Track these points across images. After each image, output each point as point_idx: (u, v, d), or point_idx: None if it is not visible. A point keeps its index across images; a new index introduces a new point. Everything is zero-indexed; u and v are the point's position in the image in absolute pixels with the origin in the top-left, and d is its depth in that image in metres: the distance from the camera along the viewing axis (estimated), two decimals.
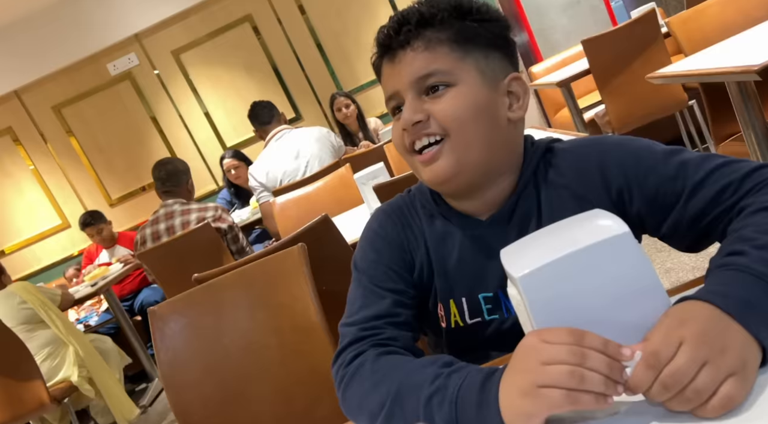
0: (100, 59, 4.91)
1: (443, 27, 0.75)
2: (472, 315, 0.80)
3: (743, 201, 0.66)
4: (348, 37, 4.97)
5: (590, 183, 0.75)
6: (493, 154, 0.76)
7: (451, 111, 0.73)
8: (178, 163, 2.89)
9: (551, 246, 0.62)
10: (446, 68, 0.74)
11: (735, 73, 1.52)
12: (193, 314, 1.22)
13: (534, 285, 0.60)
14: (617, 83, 2.81)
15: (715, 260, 0.60)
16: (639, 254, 0.59)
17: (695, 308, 0.53)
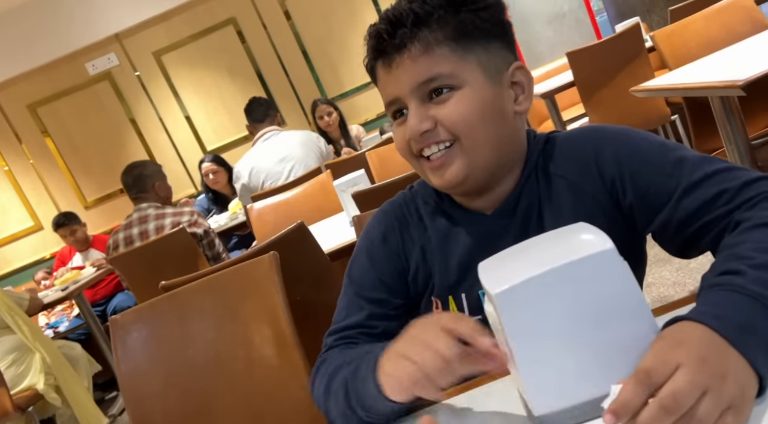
0: (78, 58, 4.82)
1: (440, 25, 0.71)
2: (472, 312, 0.77)
3: (737, 212, 0.63)
4: (333, 43, 4.94)
5: (586, 172, 0.73)
6: (502, 151, 0.75)
7: (459, 116, 0.71)
8: (144, 168, 2.80)
9: (531, 261, 0.58)
10: (448, 71, 0.71)
11: (719, 88, 1.50)
12: (157, 324, 1.17)
13: (511, 302, 0.56)
14: (601, 96, 2.81)
15: (708, 278, 0.56)
16: (623, 271, 0.55)
17: (689, 329, 0.49)
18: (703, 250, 0.69)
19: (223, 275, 1.20)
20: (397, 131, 0.77)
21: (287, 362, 1.11)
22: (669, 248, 0.72)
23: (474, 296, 0.77)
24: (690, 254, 0.71)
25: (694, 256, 0.71)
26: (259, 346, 1.14)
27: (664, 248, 0.73)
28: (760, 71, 1.38)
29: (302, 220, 1.56)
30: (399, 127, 0.76)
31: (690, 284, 2.20)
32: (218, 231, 3.24)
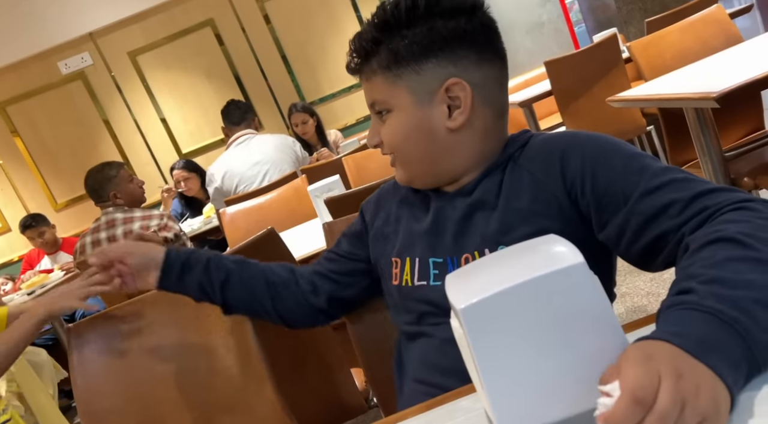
0: (50, 57, 4.71)
1: (376, 56, 0.80)
2: (420, 277, 0.83)
3: (686, 227, 0.63)
4: (313, 47, 4.91)
5: (550, 169, 0.75)
6: (437, 164, 0.82)
7: (390, 136, 0.82)
8: (97, 176, 2.71)
9: (498, 275, 0.55)
10: (382, 97, 0.81)
11: (693, 100, 1.51)
12: (115, 333, 1.13)
13: (478, 318, 0.53)
14: (578, 105, 2.82)
15: (665, 302, 0.55)
16: (594, 286, 0.53)
17: (656, 345, 0.48)
18: (662, 263, 0.69)
19: None
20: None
21: (251, 375, 1.08)
22: (629, 258, 0.72)
23: (425, 262, 0.83)
24: (651, 266, 0.71)
25: (657, 269, 0.71)
26: (223, 357, 1.10)
27: (625, 258, 0.73)
28: (734, 84, 1.38)
29: (275, 225, 1.52)
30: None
31: (663, 294, 2.19)
32: (192, 235, 3.18)
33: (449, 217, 0.82)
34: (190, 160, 3.97)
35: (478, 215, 0.80)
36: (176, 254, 0.94)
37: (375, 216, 0.95)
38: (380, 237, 0.92)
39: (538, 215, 0.75)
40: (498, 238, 0.76)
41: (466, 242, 0.80)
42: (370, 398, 1.40)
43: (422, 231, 0.85)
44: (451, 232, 0.81)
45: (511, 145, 0.82)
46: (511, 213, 0.77)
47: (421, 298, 0.84)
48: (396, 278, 0.87)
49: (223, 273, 0.93)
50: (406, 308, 0.87)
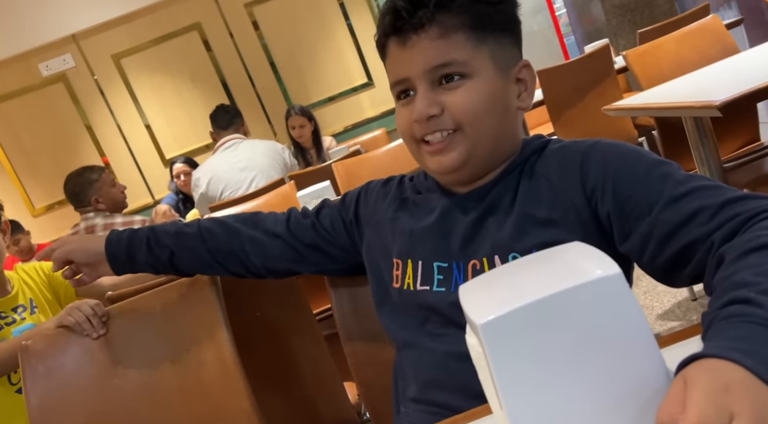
0: (31, 58, 4.59)
1: (460, 11, 0.72)
2: (423, 282, 0.79)
3: (717, 234, 0.59)
4: (302, 54, 4.86)
5: (569, 176, 0.72)
6: (500, 143, 0.76)
7: (467, 105, 0.73)
8: (82, 180, 2.63)
9: (522, 286, 0.50)
10: (463, 58, 0.72)
11: (695, 108, 1.48)
12: (76, 347, 1.03)
13: (499, 334, 0.48)
14: (570, 115, 2.80)
15: (713, 312, 0.49)
16: (630, 300, 0.48)
17: (726, 370, 0.41)
18: (689, 276, 0.64)
19: (156, 293, 1.08)
20: (400, 112, 0.77)
21: (228, 388, 1.00)
22: (652, 272, 0.68)
23: (428, 266, 0.78)
24: (675, 280, 0.67)
25: (682, 284, 0.67)
26: (196, 372, 1.02)
27: (648, 272, 0.68)
28: (737, 93, 1.35)
29: None
30: (403, 108, 0.77)
31: (657, 308, 2.18)
32: None
33: (458, 220, 0.77)
34: (190, 157, 3.95)
35: (491, 220, 0.75)
36: (117, 244, 0.96)
37: (372, 211, 0.89)
38: (378, 235, 0.87)
39: (555, 224, 0.71)
40: (511, 245, 0.71)
41: (474, 248, 0.75)
42: (363, 412, 1.34)
43: (425, 232, 0.80)
44: (459, 236, 0.76)
45: (527, 149, 0.78)
46: (526, 220, 0.72)
47: (422, 303, 0.79)
48: (397, 280, 0.83)
49: (167, 250, 0.95)
50: (405, 312, 0.82)
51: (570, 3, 4.79)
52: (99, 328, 1.02)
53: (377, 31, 0.78)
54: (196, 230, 0.95)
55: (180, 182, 3.76)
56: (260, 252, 0.93)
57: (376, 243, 0.87)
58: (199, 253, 0.94)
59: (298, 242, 0.93)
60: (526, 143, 0.79)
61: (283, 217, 0.95)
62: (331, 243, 0.93)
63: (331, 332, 1.17)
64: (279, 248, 0.93)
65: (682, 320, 2.05)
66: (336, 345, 1.09)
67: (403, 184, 0.89)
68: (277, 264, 0.95)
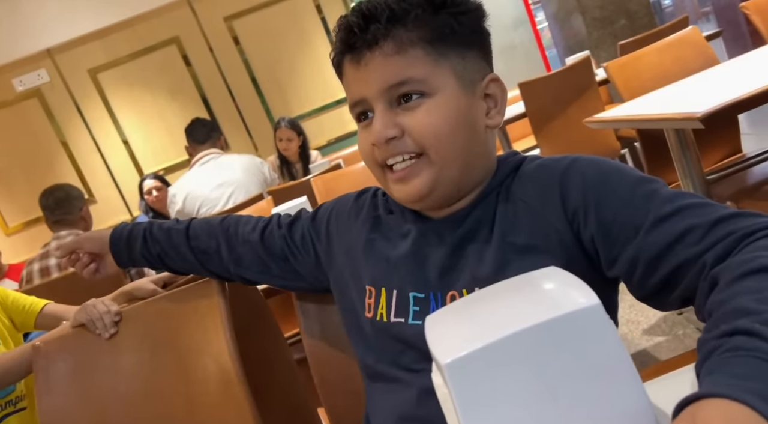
0: (4, 73, 4.50)
1: (416, 25, 0.67)
2: (398, 313, 0.73)
3: (709, 254, 0.55)
4: (282, 68, 4.82)
5: (548, 198, 0.67)
6: (470, 166, 0.70)
7: (429, 127, 0.67)
8: (69, 189, 2.58)
9: (491, 320, 0.45)
10: (421, 76, 0.67)
11: (677, 120, 1.45)
12: (85, 353, 1.05)
13: (465, 374, 0.43)
14: (552, 127, 2.78)
15: (712, 341, 0.44)
16: (611, 333, 0.43)
17: (740, 413, 0.37)
18: (678, 299, 0.60)
19: (163, 299, 1.07)
20: (361, 135, 0.72)
21: (230, 400, 1.00)
22: (641, 296, 0.64)
23: (404, 296, 0.73)
24: (664, 303, 0.62)
25: (670, 307, 0.62)
26: (200, 381, 1.02)
27: (636, 295, 0.64)
28: (718, 104, 1.33)
29: None
30: (363, 131, 0.72)
31: (643, 322, 2.14)
32: None
33: (434, 248, 0.72)
34: (159, 174, 3.90)
35: (470, 248, 0.70)
36: (119, 236, 0.99)
37: (344, 231, 0.84)
38: (350, 259, 0.81)
39: (537, 251, 0.66)
40: (492, 277, 0.66)
41: (454, 278, 0.70)
42: None
43: (399, 260, 0.75)
44: (435, 265, 0.71)
45: (502, 170, 0.73)
46: (506, 249, 0.67)
47: (397, 336, 0.73)
48: (370, 310, 0.77)
49: (158, 246, 0.97)
50: (378, 344, 0.76)
51: (551, 16, 4.81)
52: (110, 326, 1.03)
53: (332, 50, 0.73)
54: (184, 229, 0.96)
55: (152, 199, 3.69)
56: (233, 258, 0.93)
57: (348, 268, 0.82)
58: (183, 250, 0.96)
59: (268, 252, 0.90)
60: (500, 162, 0.74)
61: (262, 224, 0.93)
62: (298, 259, 0.89)
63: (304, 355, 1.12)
64: (249, 256, 0.92)
65: (668, 334, 2.01)
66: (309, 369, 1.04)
67: (376, 198, 0.84)
68: (246, 272, 0.94)
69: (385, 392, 0.76)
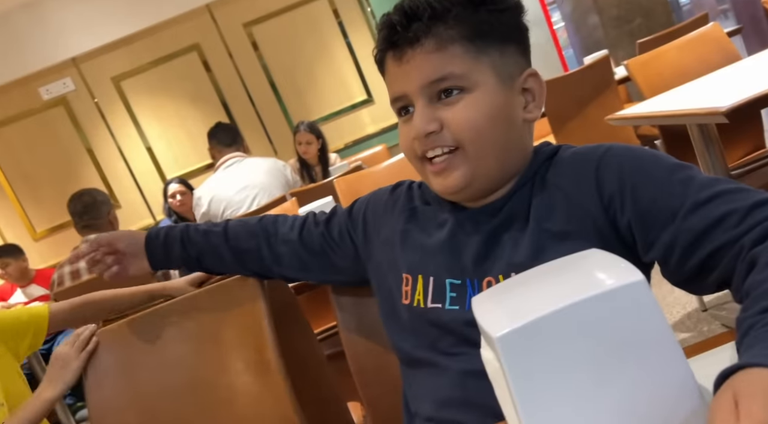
0: (31, 83, 4.60)
1: (456, 22, 0.69)
2: (435, 299, 0.76)
3: (746, 238, 0.56)
4: (301, 72, 4.87)
5: (584, 185, 0.69)
6: (507, 158, 0.73)
7: (467, 121, 0.70)
8: (96, 194, 2.63)
9: (539, 297, 0.47)
10: (461, 71, 0.69)
11: (701, 115, 1.46)
12: (130, 347, 1.08)
13: (518, 348, 0.45)
14: (572, 127, 2.79)
15: (751, 318, 0.47)
16: (655, 308, 0.45)
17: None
18: (715, 282, 0.61)
19: (204, 293, 1.10)
20: (402, 129, 0.75)
21: (271, 391, 1.03)
22: (677, 280, 0.65)
23: (440, 283, 0.76)
24: (700, 287, 0.64)
25: (707, 291, 0.64)
26: (241, 372, 1.05)
27: (672, 280, 0.66)
28: (743, 98, 1.34)
29: None
30: (404, 126, 0.74)
31: (668, 319, 2.14)
32: None
33: (471, 235, 0.74)
34: (184, 178, 3.94)
35: (506, 236, 0.72)
36: (155, 240, 0.99)
37: (381, 223, 0.86)
38: (388, 248, 0.84)
39: (572, 237, 0.68)
40: (528, 263, 0.68)
41: (489, 265, 0.72)
42: None
43: (435, 248, 0.77)
44: (472, 253, 0.73)
45: (537, 158, 0.75)
46: (542, 235, 0.69)
47: (434, 321, 0.75)
48: (407, 297, 0.79)
49: (196, 248, 0.98)
50: (415, 330, 0.79)
51: (567, 16, 4.81)
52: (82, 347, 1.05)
53: (375, 49, 0.76)
54: (222, 230, 0.98)
55: (175, 202, 3.74)
56: (273, 257, 0.95)
57: (385, 257, 0.84)
58: (221, 251, 0.97)
59: (307, 250, 0.93)
60: (535, 152, 0.76)
61: (299, 223, 0.95)
62: (337, 253, 0.92)
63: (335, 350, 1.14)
64: (288, 255, 0.94)
65: (693, 331, 2.01)
66: (339, 364, 1.07)
67: (411, 190, 0.86)
68: (286, 271, 0.96)
69: (423, 377, 0.78)
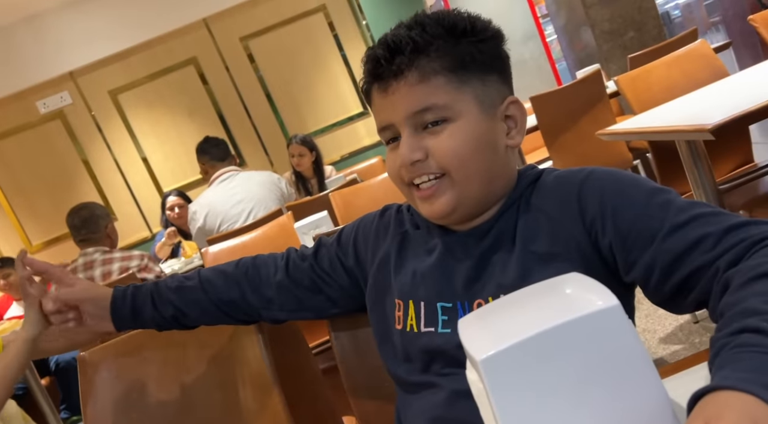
0: (28, 96, 4.64)
1: (438, 55, 0.72)
2: (427, 323, 0.77)
3: (722, 260, 0.59)
4: (297, 85, 4.91)
5: (567, 208, 0.71)
6: (492, 183, 0.75)
7: (451, 149, 0.72)
8: (94, 208, 2.66)
9: (521, 320, 0.50)
10: (443, 102, 0.71)
11: (688, 132, 1.49)
12: (127, 363, 1.08)
13: (501, 370, 0.47)
14: (564, 140, 2.82)
15: (723, 339, 0.49)
16: (631, 331, 0.47)
17: (749, 404, 0.41)
18: (693, 302, 0.64)
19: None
20: (389, 157, 0.78)
21: (265, 406, 1.03)
22: (657, 299, 0.67)
23: (432, 307, 0.77)
24: (679, 307, 0.66)
25: (685, 311, 0.67)
26: (238, 389, 1.05)
27: (653, 299, 0.68)
28: (728, 115, 1.36)
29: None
30: (391, 153, 0.77)
31: (660, 331, 2.16)
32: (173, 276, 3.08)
33: (460, 260, 0.76)
34: (182, 191, 3.95)
35: (494, 259, 0.74)
36: (122, 302, 0.92)
37: (373, 249, 0.87)
38: (381, 275, 0.85)
39: (557, 259, 0.70)
40: (516, 284, 0.69)
41: (479, 288, 0.74)
42: None
43: (426, 272, 0.79)
44: (462, 276, 0.75)
45: (522, 182, 0.77)
46: (528, 257, 0.71)
47: (427, 345, 0.77)
48: (399, 322, 0.81)
49: (170, 307, 0.92)
50: (408, 355, 0.80)
51: (560, 29, 4.87)
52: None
53: (362, 79, 0.78)
54: (197, 283, 0.93)
55: (173, 215, 3.75)
56: (262, 302, 0.93)
57: (380, 283, 0.86)
58: (204, 305, 0.93)
59: (298, 287, 0.91)
60: (520, 175, 0.79)
61: (283, 262, 0.93)
62: (330, 285, 0.91)
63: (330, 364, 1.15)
64: (279, 297, 0.92)
65: (685, 343, 2.03)
66: (335, 378, 1.08)
67: (401, 214, 0.87)
68: (278, 314, 0.94)
69: (416, 397, 0.80)
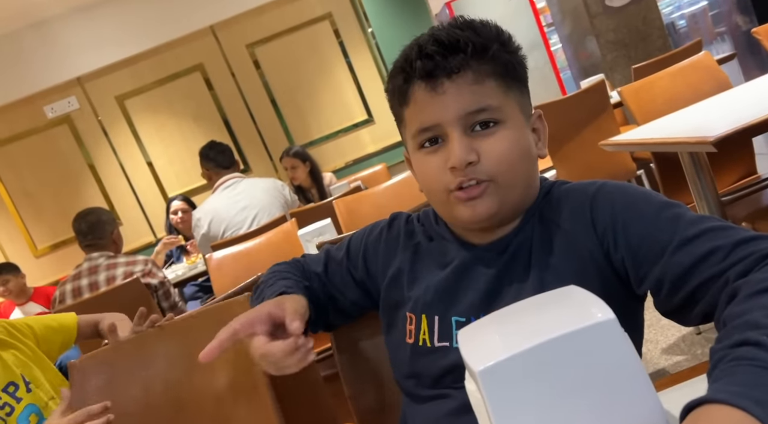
0: (36, 101, 4.68)
1: (493, 59, 0.72)
2: (441, 338, 0.77)
3: (731, 272, 0.59)
4: (302, 92, 4.94)
5: (580, 221, 0.72)
6: (527, 193, 0.76)
7: (502, 153, 0.71)
8: (100, 214, 2.67)
9: (519, 332, 0.50)
10: (496, 104, 0.72)
11: (690, 144, 1.49)
12: (119, 369, 1.09)
13: (497, 381, 0.48)
14: (568, 150, 2.82)
15: (722, 350, 0.49)
16: (626, 345, 0.48)
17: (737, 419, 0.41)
18: (699, 314, 0.64)
19: (193, 318, 1.13)
20: (427, 160, 0.74)
21: (259, 414, 1.04)
22: (665, 310, 0.68)
23: (446, 321, 0.76)
24: (686, 318, 0.67)
25: (692, 322, 0.67)
26: (230, 396, 1.06)
27: (661, 310, 0.69)
28: (731, 128, 1.37)
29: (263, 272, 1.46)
30: (431, 156, 0.74)
31: (662, 342, 2.16)
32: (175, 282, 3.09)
33: (478, 274, 0.76)
34: (187, 196, 3.95)
35: (512, 273, 0.74)
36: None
37: (384, 261, 0.86)
38: (394, 288, 0.84)
39: (573, 273, 0.70)
40: None
41: (496, 303, 0.74)
42: None
43: (440, 286, 0.78)
44: (479, 290, 0.75)
45: (539, 194, 0.77)
46: (546, 271, 0.72)
47: (441, 360, 0.76)
48: (410, 335, 0.80)
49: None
50: (417, 370, 0.79)
51: (565, 39, 4.89)
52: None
53: (394, 79, 0.76)
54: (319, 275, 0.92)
55: (177, 219, 3.76)
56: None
57: (392, 299, 0.85)
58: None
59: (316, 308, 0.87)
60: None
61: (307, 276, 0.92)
62: (341, 300, 0.90)
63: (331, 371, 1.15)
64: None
65: (687, 353, 2.03)
66: (336, 385, 1.08)
67: (410, 224, 0.86)
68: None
69: (425, 406, 0.80)
